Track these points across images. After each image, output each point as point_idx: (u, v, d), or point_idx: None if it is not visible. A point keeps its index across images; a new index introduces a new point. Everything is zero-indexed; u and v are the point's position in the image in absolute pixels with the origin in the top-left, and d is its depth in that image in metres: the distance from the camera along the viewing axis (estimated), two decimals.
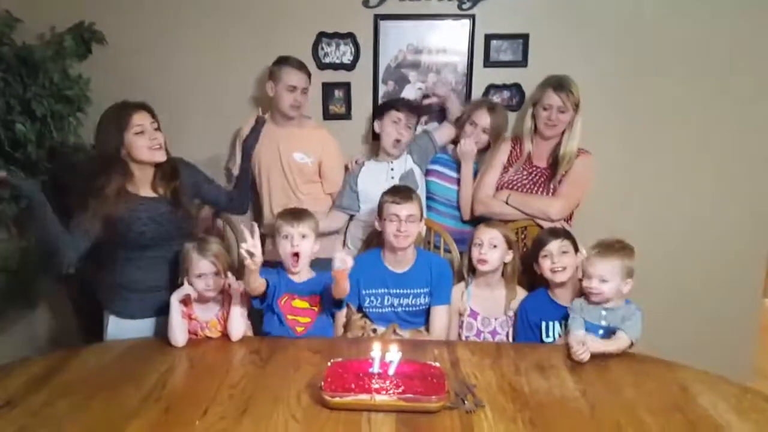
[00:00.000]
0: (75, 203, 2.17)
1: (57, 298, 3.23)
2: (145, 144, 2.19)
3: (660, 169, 3.15)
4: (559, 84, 2.69)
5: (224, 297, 2.19)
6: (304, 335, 2.23)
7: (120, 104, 2.23)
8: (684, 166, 3.14)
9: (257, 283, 2.11)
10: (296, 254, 2.22)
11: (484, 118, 2.84)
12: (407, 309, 2.44)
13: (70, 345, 2.13)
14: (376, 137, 2.98)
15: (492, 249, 2.38)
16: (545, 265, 2.32)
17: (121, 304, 2.30)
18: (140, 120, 2.19)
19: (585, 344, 1.97)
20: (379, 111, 2.94)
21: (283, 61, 2.79)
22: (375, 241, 2.68)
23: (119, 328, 2.29)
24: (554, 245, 2.33)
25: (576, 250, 2.33)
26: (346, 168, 2.99)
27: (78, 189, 2.22)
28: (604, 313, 2.11)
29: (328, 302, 2.24)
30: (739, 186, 3.15)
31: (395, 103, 2.91)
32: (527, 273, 2.51)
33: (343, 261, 2.00)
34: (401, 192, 2.43)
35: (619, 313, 2.10)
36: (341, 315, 2.37)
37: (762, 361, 3.43)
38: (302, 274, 2.28)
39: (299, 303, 2.25)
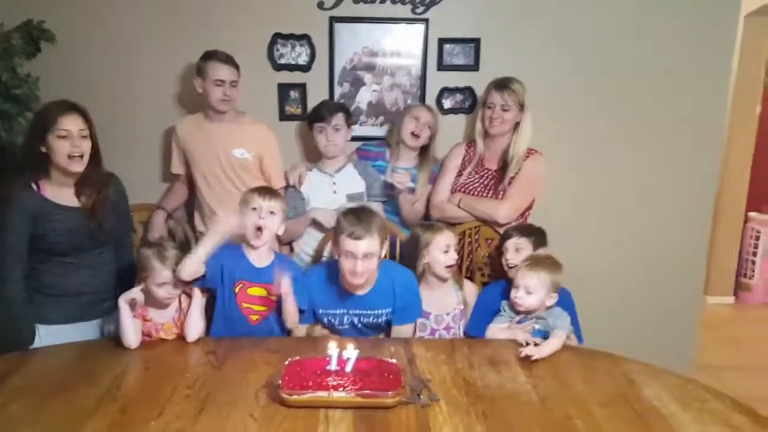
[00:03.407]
0: None
1: None
2: (65, 150, 2.11)
3: (605, 167, 3.24)
4: (500, 83, 2.78)
5: (180, 299, 2.17)
6: (259, 323, 2.24)
7: (56, 102, 2.16)
8: (628, 164, 3.24)
9: (195, 268, 2.12)
10: (260, 228, 2.20)
11: (424, 114, 2.91)
12: (368, 323, 2.34)
13: None
14: None
15: (456, 252, 2.43)
16: (503, 259, 2.41)
17: (40, 307, 2.20)
18: (68, 124, 2.10)
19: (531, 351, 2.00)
20: (308, 123, 2.92)
21: (209, 55, 2.74)
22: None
23: (38, 333, 2.18)
24: (510, 242, 2.40)
25: (539, 247, 2.39)
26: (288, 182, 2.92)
27: None
28: (537, 326, 2.18)
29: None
30: (681, 185, 3.26)
31: (316, 110, 2.88)
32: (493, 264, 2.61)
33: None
34: (362, 223, 2.13)
35: (549, 319, 2.17)
36: (301, 330, 2.32)
37: (702, 355, 3.57)
38: (262, 256, 2.26)
39: (256, 290, 2.23)
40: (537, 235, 2.44)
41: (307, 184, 2.87)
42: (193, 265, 2.10)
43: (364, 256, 2.12)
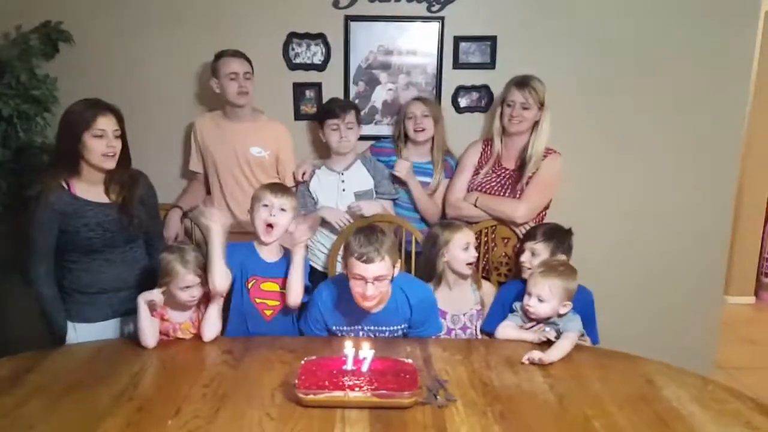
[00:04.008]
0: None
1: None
2: (100, 149, 2.14)
3: (623, 165, 3.21)
4: (521, 81, 2.75)
5: (199, 299, 2.18)
6: (273, 318, 2.25)
7: (91, 101, 2.18)
8: (647, 162, 3.21)
9: (225, 278, 2.12)
10: (271, 225, 2.21)
11: (418, 108, 2.90)
12: (384, 338, 2.23)
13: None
14: None
15: (476, 250, 2.41)
16: (519, 259, 2.39)
17: (76, 308, 2.26)
18: (104, 124, 2.14)
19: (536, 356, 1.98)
20: (319, 120, 2.90)
21: (219, 54, 2.78)
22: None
23: (77, 331, 2.24)
24: (528, 245, 2.38)
25: (558, 252, 2.36)
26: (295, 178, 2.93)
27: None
28: (547, 329, 2.15)
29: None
30: (701, 183, 3.23)
31: (329, 108, 2.86)
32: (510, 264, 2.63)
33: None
34: (372, 244, 2.02)
35: (560, 324, 2.13)
36: None
37: (720, 355, 3.53)
38: (273, 252, 2.27)
39: (269, 286, 2.24)
40: (558, 240, 2.39)
41: (316, 182, 2.87)
42: (222, 274, 2.11)
43: (374, 279, 2.03)
